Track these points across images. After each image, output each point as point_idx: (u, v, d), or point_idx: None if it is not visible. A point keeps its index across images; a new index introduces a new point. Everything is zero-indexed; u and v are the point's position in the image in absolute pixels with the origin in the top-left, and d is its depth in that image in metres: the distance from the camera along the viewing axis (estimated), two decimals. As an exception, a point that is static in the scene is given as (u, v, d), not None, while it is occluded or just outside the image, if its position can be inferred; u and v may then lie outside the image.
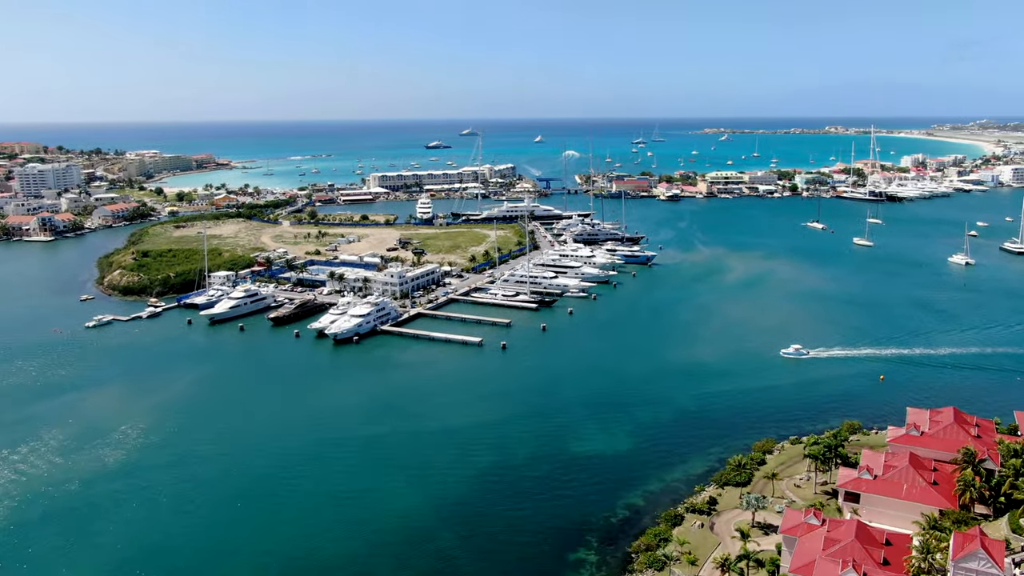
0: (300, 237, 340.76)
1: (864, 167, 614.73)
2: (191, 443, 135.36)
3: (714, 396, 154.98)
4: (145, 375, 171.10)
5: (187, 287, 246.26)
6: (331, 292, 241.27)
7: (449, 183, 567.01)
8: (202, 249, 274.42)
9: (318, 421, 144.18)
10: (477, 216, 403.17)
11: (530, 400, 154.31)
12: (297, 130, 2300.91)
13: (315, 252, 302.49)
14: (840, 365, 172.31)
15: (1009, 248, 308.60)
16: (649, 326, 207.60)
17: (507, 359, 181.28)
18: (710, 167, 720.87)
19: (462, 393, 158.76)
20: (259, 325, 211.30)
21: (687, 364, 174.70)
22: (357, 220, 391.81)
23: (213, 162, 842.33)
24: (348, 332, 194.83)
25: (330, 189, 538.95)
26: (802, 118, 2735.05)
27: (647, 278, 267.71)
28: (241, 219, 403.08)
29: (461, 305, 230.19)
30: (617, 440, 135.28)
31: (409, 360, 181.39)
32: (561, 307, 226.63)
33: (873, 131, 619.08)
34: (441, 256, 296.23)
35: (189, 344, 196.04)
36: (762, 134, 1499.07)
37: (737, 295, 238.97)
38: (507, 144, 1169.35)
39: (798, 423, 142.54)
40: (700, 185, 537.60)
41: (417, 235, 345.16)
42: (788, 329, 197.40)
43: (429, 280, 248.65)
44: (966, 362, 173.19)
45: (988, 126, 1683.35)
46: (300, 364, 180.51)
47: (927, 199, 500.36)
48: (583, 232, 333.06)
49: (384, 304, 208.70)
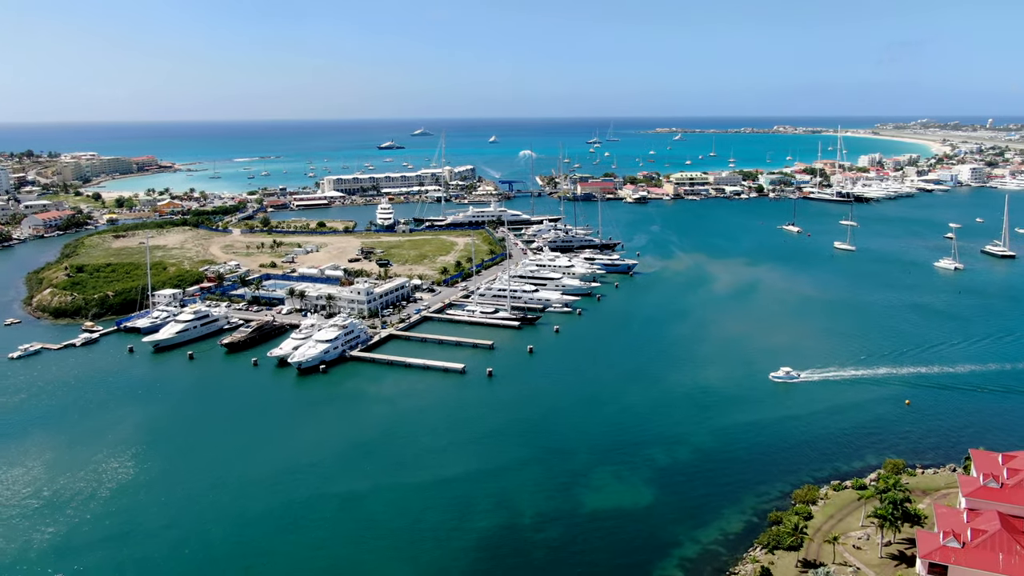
0: (253, 247, 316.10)
1: (825, 167, 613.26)
2: (134, 511, 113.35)
3: (732, 430, 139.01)
4: (77, 420, 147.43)
5: (128, 308, 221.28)
6: (291, 311, 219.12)
7: (408, 186, 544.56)
8: (145, 263, 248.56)
9: (285, 476, 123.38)
10: (442, 222, 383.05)
11: (528, 441, 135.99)
12: (244, 130, 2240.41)
13: (270, 264, 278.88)
14: (858, 388, 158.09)
15: (991, 251, 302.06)
16: (643, 345, 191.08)
17: (495, 389, 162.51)
18: (670, 167, 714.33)
19: (450, 433, 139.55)
20: (211, 352, 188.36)
21: (693, 390, 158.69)
22: (314, 227, 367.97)
23: (155, 164, 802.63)
24: (313, 360, 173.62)
25: (282, 193, 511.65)
26: (750, 118, 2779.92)
27: (630, 289, 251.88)
28: (187, 227, 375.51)
29: (436, 324, 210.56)
30: (635, 490, 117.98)
31: (385, 393, 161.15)
32: (545, 324, 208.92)
33: (840, 132, 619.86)
34: (408, 267, 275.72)
35: (130, 378, 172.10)
36: (714, 134, 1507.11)
37: (730, 308, 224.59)
38: (461, 145, 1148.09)
39: (831, 461, 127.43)
40: (666, 187, 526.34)
41: (380, 243, 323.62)
42: (793, 347, 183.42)
43: (399, 296, 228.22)
44: (991, 381, 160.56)
45: (929, 125, 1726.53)
46: (260, 401, 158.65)
47: (892, 199, 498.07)
48: (557, 239, 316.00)
49: (353, 326, 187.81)
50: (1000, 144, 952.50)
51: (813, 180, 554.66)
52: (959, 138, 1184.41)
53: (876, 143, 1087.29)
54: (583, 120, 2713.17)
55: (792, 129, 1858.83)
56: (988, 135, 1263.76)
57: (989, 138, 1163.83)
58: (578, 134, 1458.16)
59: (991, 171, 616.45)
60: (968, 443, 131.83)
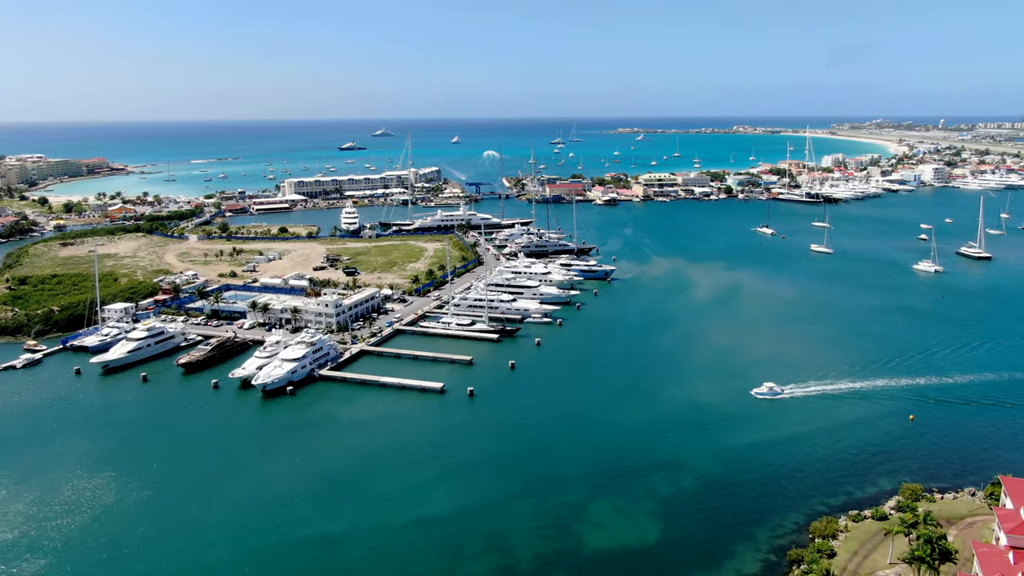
0: (211, 255, 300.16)
1: (791, 167, 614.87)
2: (80, 567, 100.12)
3: (733, 452, 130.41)
4: (16, 455, 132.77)
5: (75, 324, 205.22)
6: (253, 325, 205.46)
7: (372, 188, 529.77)
8: (94, 273, 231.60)
9: (251, 518, 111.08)
10: (409, 226, 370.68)
11: (518, 470, 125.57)
12: (201, 131, 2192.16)
13: (230, 274, 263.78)
14: (858, 403, 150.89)
15: (967, 253, 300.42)
16: (628, 357, 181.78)
17: (478, 411, 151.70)
18: (636, 168, 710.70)
19: (433, 463, 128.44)
20: (167, 373, 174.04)
21: (687, 407, 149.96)
22: (275, 233, 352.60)
23: (107, 167, 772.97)
24: (280, 381, 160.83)
25: (241, 197, 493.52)
26: (710, 118, 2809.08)
27: (610, 296, 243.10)
28: (140, 234, 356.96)
29: (410, 338, 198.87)
30: (640, 525, 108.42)
31: (359, 417, 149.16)
32: (525, 336, 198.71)
33: (808, 132, 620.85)
34: (377, 276, 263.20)
35: (77, 405, 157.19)
36: (675, 134, 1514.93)
37: (714, 315, 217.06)
38: (423, 145, 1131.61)
39: (842, 486, 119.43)
40: (636, 188, 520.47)
41: (346, 250, 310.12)
42: (786, 358, 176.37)
43: (369, 308, 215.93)
44: (994, 393, 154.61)
45: (884, 125, 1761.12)
46: (222, 429, 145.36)
47: (860, 200, 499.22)
48: (530, 244, 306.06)
49: (321, 343, 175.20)
50: (955, 144, 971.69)
51: (781, 181, 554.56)
52: (914, 138, 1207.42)
53: (837, 143, 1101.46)
54: (545, 120, 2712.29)
55: (752, 129, 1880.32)
56: (941, 135, 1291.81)
57: (942, 138, 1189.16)
58: (540, 134, 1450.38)
59: (951, 171, 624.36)
60: (983, 463, 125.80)
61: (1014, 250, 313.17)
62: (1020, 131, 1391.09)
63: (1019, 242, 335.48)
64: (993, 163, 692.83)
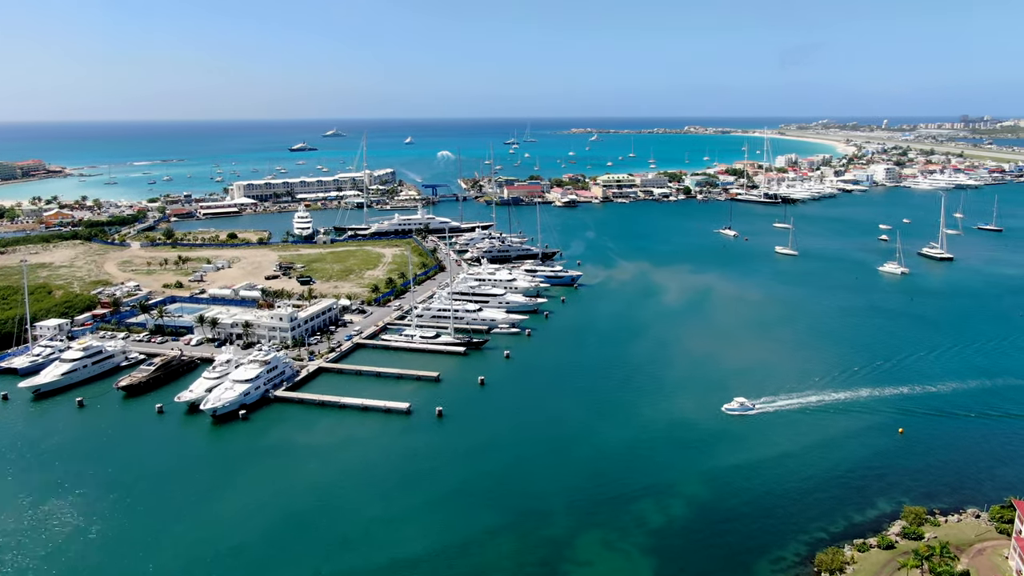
0: (155, 264, 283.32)
1: (746, 168, 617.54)
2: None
3: (721, 475, 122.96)
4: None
5: (3, 343, 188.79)
6: (201, 341, 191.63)
7: (325, 191, 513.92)
8: (24, 286, 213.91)
9: (200, 568, 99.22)
10: (365, 231, 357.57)
11: (496, 501, 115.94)
12: (145, 131, 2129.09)
13: (176, 285, 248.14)
14: (842, 416, 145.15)
15: (929, 253, 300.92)
16: (603, 370, 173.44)
17: (448, 433, 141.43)
18: (592, 168, 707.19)
19: (401, 496, 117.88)
20: (105, 397, 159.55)
21: (670, 425, 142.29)
22: (224, 239, 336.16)
23: (43, 169, 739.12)
24: (231, 405, 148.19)
25: (187, 200, 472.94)
26: (661, 118, 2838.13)
27: (577, 303, 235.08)
28: (78, 241, 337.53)
29: (371, 352, 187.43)
30: (631, 563, 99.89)
31: (319, 442, 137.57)
32: (493, 348, 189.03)
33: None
34: (333, 284, 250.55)
35: (3, 434, 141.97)
36: (628, 134, 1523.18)
37: (686, 323, 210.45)
38: (376, 146, 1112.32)
39: (839, 508, 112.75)
40: (595, 189, 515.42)
41: (299, 257, 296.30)
42: (764, 368, 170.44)
43: (326, 320, 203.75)
44: (981, 403, 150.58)
45: (830, 125, 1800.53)
46: (167, 460, 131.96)
47: (817, 200, 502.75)
48: (492, 248, 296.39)
49: (276, 361, 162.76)
50: (901, 144, 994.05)
51: (739, 181, 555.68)
52: (860, 138, 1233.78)
53: (788, 143, 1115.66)
54: (499, 120, 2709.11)
55: (703, 130, 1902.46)
56: (886, 135, 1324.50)
57: (887, 138, 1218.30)
58: (494, 135, 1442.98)
59: (902, 171, 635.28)
60: (980, 480, 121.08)
61: (973, 250, 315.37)
62: (959, 132, 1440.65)
63: (976, 242, 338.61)
64: (940, 163, 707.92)
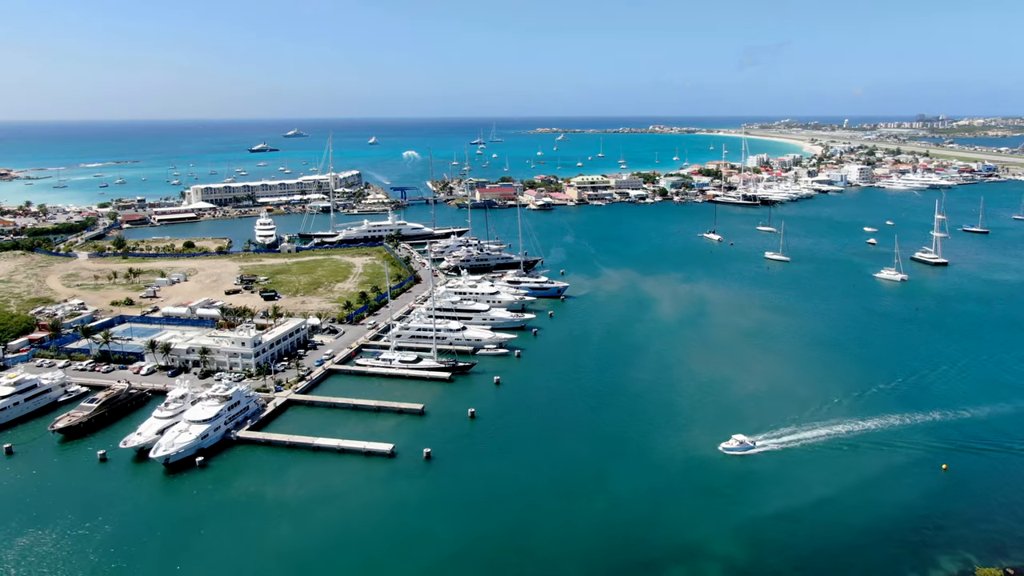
0: (104, 277, 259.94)
1: (720, 168, 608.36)
2: None
3: (758, 527, 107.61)
4: None
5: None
6: (153, 370, 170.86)
7: (288, 194, 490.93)
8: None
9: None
10: (333, 238, 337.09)
11: (499, 571, 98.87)
12: (96, 131, 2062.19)
13: (126, 302, 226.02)
14: (876, 451, 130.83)
15: (923, 258, 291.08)
16: (605, 397, 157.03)
17: (439, 482, 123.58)
18: (562, 169, 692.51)
19: (389, 565, 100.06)
20: (39, 442, 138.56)
21: (689, 465, 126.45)
22: (180, 249, 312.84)
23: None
24: (187, 450, 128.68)
25: (141, 205, 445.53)
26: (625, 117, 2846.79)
27: (566, 318, 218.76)
28: (20, 252, 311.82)
29: (346, 380, 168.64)
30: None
31: (290, 496, 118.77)
32: (481, 373, 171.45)
33: (744, 133, 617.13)
34: (300, 299, 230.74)
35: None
36: (594, 134, 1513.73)
37: (686, 341, 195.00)
38: (340, 147, 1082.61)
39: (896, 568, 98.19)
40: (569, 192, 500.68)
41: (262, 268, 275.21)
42: (784, 390, 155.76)
43: (294, 343, 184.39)
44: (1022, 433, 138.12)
45: (792, 125, 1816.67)
46: (110, 520, 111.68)
47: (795, 201, 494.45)
48: (470, 257, 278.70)
49: (239, 395, 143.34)
50: (866, 144, 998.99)
51: (714, 182, 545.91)
52: (824, 137, 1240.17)
53: (755, 143, 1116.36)
54: (463, 120, 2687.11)
55: (668, 129, 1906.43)
56: (848, 134, 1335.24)
57: (849, 137, 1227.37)
58: (460, 134, 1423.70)
59: (874, 171, 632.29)
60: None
61: (966, 253, 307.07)
62: (918, 131, 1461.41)
63: (966, 245, 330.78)
64: (909, 163, 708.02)
